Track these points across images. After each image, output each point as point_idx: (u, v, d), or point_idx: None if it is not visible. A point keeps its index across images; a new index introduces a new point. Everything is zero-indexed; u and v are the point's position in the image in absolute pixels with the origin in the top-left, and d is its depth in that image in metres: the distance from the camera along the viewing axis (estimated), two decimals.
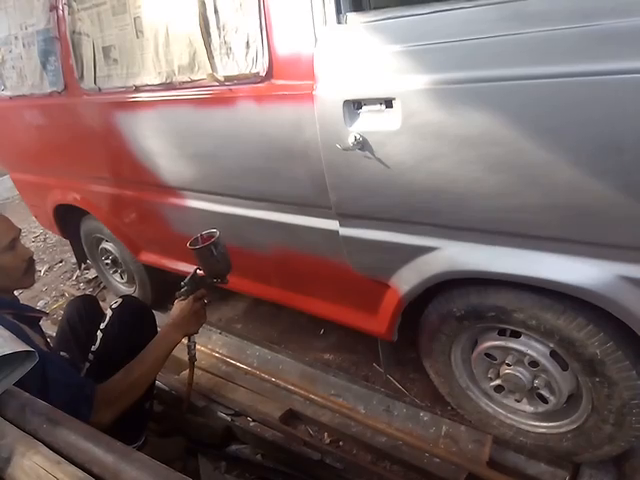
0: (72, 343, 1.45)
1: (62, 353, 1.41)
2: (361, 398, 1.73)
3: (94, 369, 1.30)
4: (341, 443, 1.63)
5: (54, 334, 1.60)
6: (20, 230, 1.28)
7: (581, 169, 0.95)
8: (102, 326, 1.37)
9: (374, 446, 1.56)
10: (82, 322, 1.48)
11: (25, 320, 1.21)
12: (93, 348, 1.34)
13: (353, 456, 1.56)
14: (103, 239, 2.54)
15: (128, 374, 1.19)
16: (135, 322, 1.39)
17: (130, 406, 1.20)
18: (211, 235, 1.30)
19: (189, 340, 1.40)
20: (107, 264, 2.66)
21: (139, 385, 1.20)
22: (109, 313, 1.39)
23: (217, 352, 2.06)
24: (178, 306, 1.30)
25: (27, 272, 1.28)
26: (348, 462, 1.50)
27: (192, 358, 1.43)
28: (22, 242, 1.30)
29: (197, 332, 1.37)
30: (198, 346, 2.08)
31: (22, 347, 0.80)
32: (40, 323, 1.37)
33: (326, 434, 1.67)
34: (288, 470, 1.50)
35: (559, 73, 0.90)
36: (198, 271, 1.34)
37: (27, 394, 0.76)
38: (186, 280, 1.32)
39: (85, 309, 1.52)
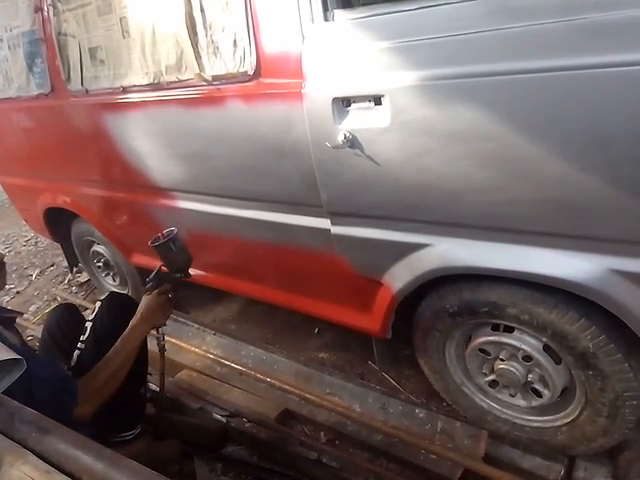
0: (54, 352, 1.46)
1: None
2: (356, 396, 1.73)
3: (84, 357, 1.32)
4: (337, 442, 1.63)
5: None
6: None
7: (570, 163, 0.96)
8: (91, 317, 1.42)
9: (370, 444, 1.56)
10: (62, 330, 1.49)
11: (2, 321, 1.24)
12: (82, 338, 1.38)
13: (349, 455, 1.56)
14: (94, 242, 2.52)
15: (105, 367, 1.23)
16: (122, 312, 1.42)
17: (127, 393, 1.28)
18: (169, 233, 1.37)
19: (157, 332, 1.45)
20: (99, 267, 2.64)
21: (117, 376, 1.24)
22: (98, 304, 1.44)
23: (211, 353, 2.05)
24: (144, 300, 1.36)
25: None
26: (345, 461, 1.49)
27: (162, 349, 1.49)
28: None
29: (164, 324, 1.43)
30: (192, 347, 2.09)
31: (9, 355, 0.78)
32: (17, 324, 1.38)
33: (322, 433, 1.67)
34: (285, 470, 1.50)
35: (546, 67, 0.91)
36: (162, 268, 1.41)
37: (16, 402, 0.75)
38: (151, 276, 1.40)
39: (64, 318, 1.53)
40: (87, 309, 2.52)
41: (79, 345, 1.37)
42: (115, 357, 1.25)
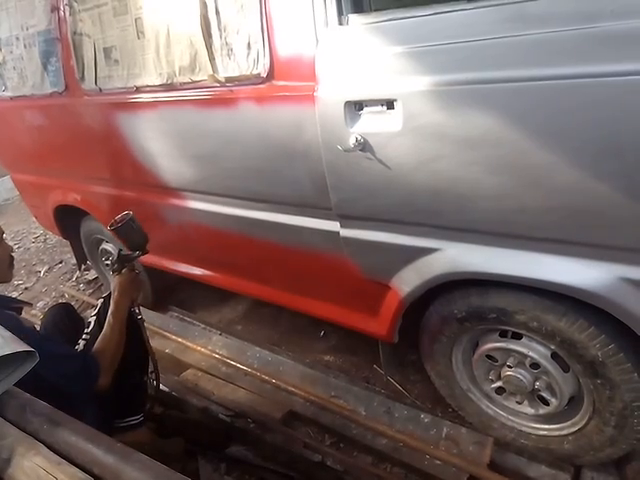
0: None
1: None
2: (362, 400, 1.73)
3: (90, 345, 1.37)
4: (341, 445, 1.63)
5: None
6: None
7: (582, 171, 0.95)
8: (94, 312, 1.50)
9: (374, 448, 1.56)
10: (59, 329, 1.55)
11: (10, 311, 1.28)
12: (87, 330, 1.45)
13: (353, 458, 1.56)
14: (103, 240, 2.54)
15: (106, 340, 1.35)
16: None
17: (130, 379, 1.43)
18: (125, 215, 1.46)
19: (133, 306, 1.52)
20: (107, 265, 2.66)
21: (119, 348, 1.36)
22: (100, 301, 1.53)
23: (217, 353, 2.06)
24: (117, 279, 1.47)
25: (10, 266, 1.43)
26: (348, 464, 1.49)
27: (140, 321, 1.55)
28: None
29: (139, 297, 1.57)
30: (198, 347, 2.10)
31: (22, 347, 0.79)
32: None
33: (326, 436, 1.67)
34: (288, 472, 1.50)
35: (560, 75, 0.91)
36: (121, 251, 1.52)
37: (27, 395, 0.76)
38: (114, 259, 1.52)
39: (61, 317, 1.60)
40: (93, 306, 2.53)
41: (84, 336, 1.43)
42: (111, 331, 1.37)
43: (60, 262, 3.49)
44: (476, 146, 1.04)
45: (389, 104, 1.12)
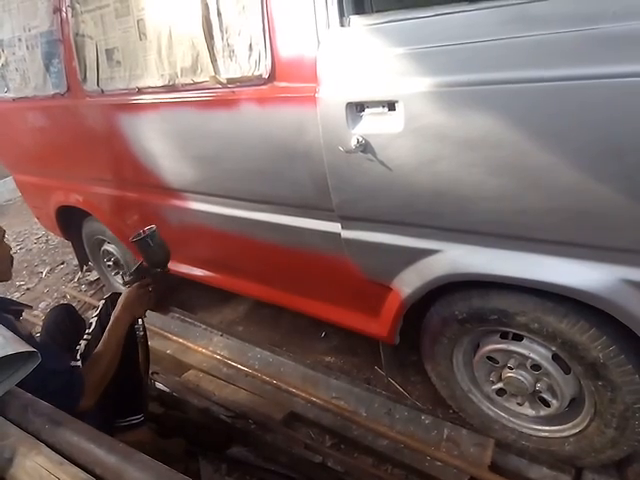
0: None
1: None
2: (362, 401, 1.73)
3: (91, 346, 1.36)
4: (342, 446, 1.63)
5: None
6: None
7: (583, 172, 0.95)
8: (95, 313, 1.48)
9: (375, 449, 1.56)
10: (60, 330, 1.54)
11: (10, 313, 1.27)
12: (88, 331, 1.43)
13: (354, 459, 1.56)
14: (105, 241, 2.54)
15: (101, 359, 1.29)
16: None
17: (131, 379, 1.41)
18: (147, 229, 1.42)
19: (137, 323, 1.48)
20: (109, 266, 2.66)
21: (112, 366, 1.30)
22: (102, 302, 1.51)
23: (218, 354, 2.06)
24: (125, 293, 1.42)
25: (10, 265, 1.42)
26: (349, 465, 1.49)
27: (141, 339, 1.50)
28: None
29: (144, 315, 1.48)
30: (200, 348, 2.11)
31: (25, 347, 0.80)
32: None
33: (327, 437, 1.67)
34: (289, 473, 1.50)
35: (561, 76, 0.91)
36: (144, 263, 1.46)
37: (29, 395, 0.76)
38: (132, 270, 1.47)
39: (63, 318, 1.59)
40: (95, 307, 2.53)
41: (85, 337, 1.42)
42: (107, 348, 1.31)
43: (62, 263, 3.50)
44: (477, 147, 1.04)
45: (390, 105, 1.13)
